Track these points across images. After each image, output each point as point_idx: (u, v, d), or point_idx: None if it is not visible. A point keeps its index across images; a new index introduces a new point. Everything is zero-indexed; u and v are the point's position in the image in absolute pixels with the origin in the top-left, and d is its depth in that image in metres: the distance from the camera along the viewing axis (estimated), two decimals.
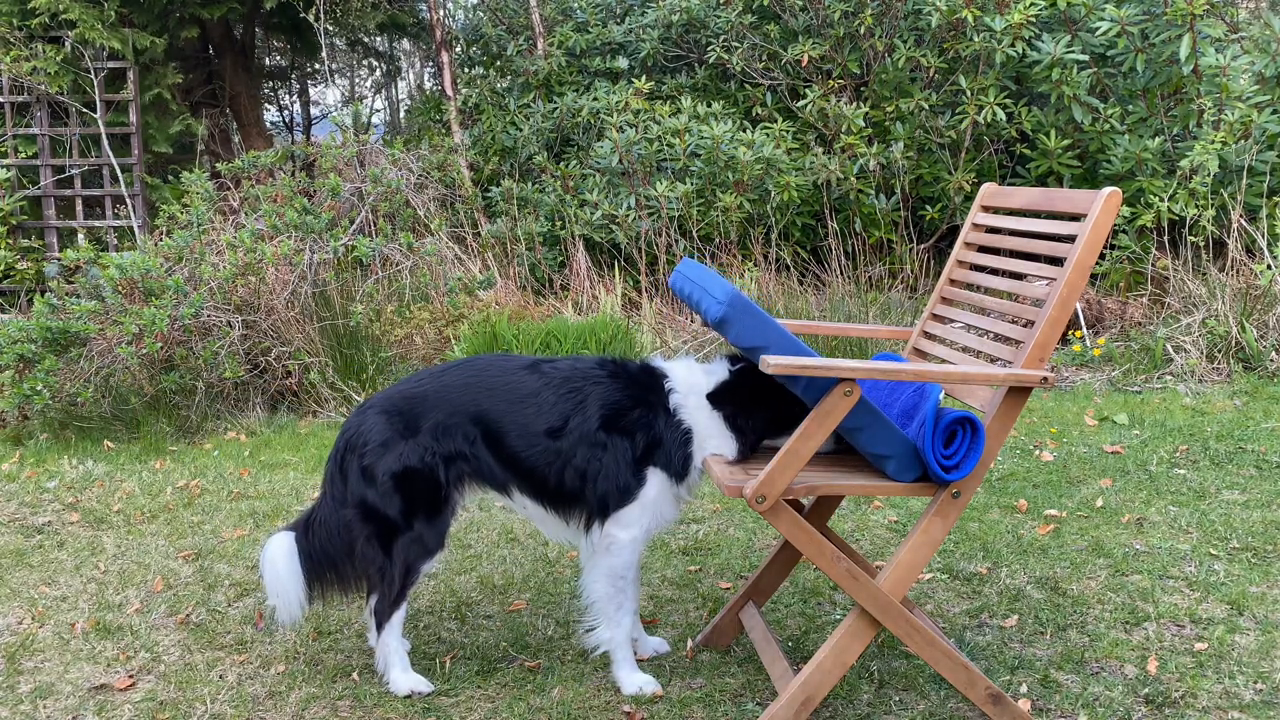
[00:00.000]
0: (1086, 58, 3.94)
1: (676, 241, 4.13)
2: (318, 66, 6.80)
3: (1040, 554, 2.10)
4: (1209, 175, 3.69)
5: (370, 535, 1.60)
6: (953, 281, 1.75)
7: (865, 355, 3.08)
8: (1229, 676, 1.59)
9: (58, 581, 2.11)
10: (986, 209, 1.75)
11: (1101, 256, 3.94)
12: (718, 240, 4.16)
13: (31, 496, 2.68)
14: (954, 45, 4.14)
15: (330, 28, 5.47)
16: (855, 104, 4.27)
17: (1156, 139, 3.86)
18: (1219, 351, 3.46)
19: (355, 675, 1.68)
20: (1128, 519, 2.27)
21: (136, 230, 4.73)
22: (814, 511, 1.74)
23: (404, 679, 1.62)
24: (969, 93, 4.08)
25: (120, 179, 4.79)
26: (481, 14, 5.32)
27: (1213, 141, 3.71)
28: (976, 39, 3.99)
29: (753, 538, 2.27)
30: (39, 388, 3.17)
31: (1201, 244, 3.72)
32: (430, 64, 6.01)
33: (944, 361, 1.64)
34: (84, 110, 4.80)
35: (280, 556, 1.63)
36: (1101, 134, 3.98)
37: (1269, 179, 3.78)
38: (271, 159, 4.35)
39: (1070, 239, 1.43)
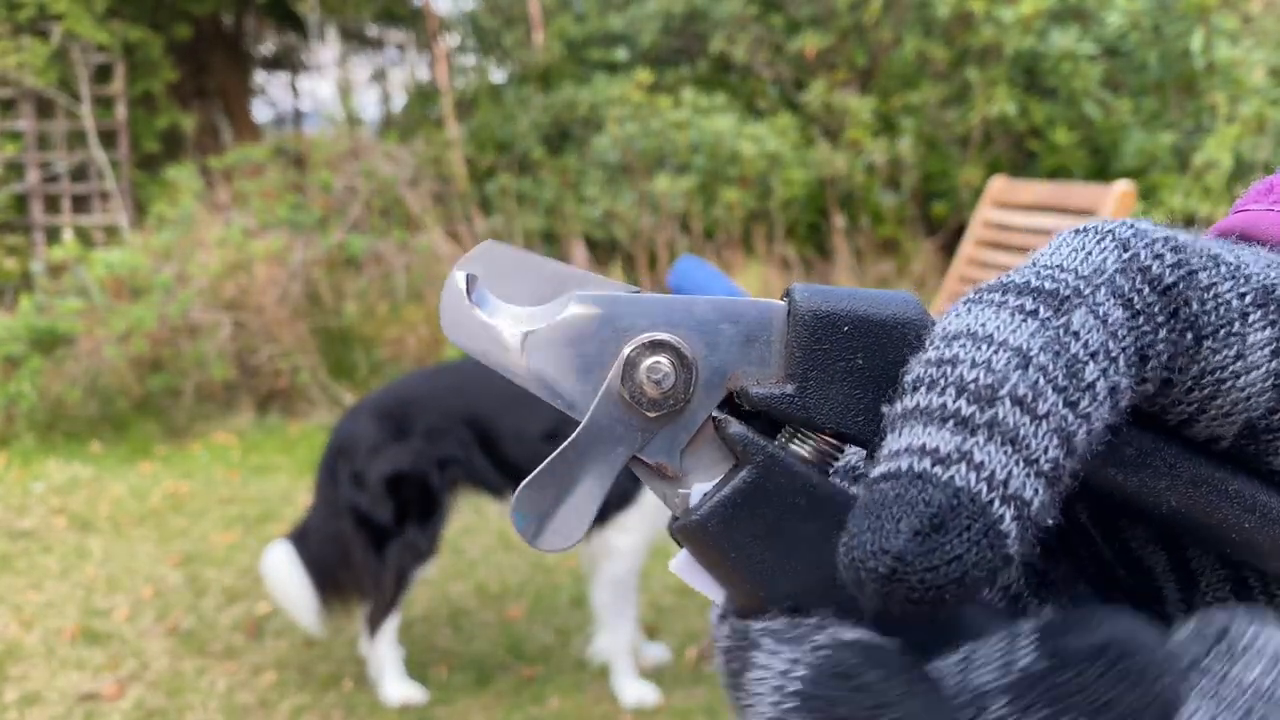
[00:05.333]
0: (1097, 50, 3.88)
1: (678, 238, 4.07)
2: (309, 57, 6.73)
3: None
4: (1223, 171, 3.64)
5: (362, 541, 1.56)
6: (963, 279, 1.70)
7: None
8: None
9: (44, 587, 2.07)
10: (996, 204, 1.70)
11: None
12: (720, 237, 4.10)
13: (17, 500, 2.63)
14: (963, 37, 4.07)
15: (323, 16, 5.39)
16: (862, 97, 4.20)
17: (1169, 133, 3.80)
18: None
19: (347, 684, 1.64)
20: None
21: (124, 227, 4.67)
22: None
23: (398, 688, 1.60)
24: (979, 85, 4.02)
25: (107, 174, 4.72)
26: (477, 3, 5.24)
27: (1227, 136, 3.65)
28: (986, 30, 3.92)
29: None
30: (25, 388, 3.11)
31: None
32: (425, 53, 5.94)
33: None
34: (71, 105, 4.72)
35: (283, 567, 1.60)
36: (1113, 128, 3.93)
37: None
38: (262, 153, 4.28)
39: None
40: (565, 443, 0.16)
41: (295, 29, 5.86)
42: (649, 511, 1.54)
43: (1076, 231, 0.16)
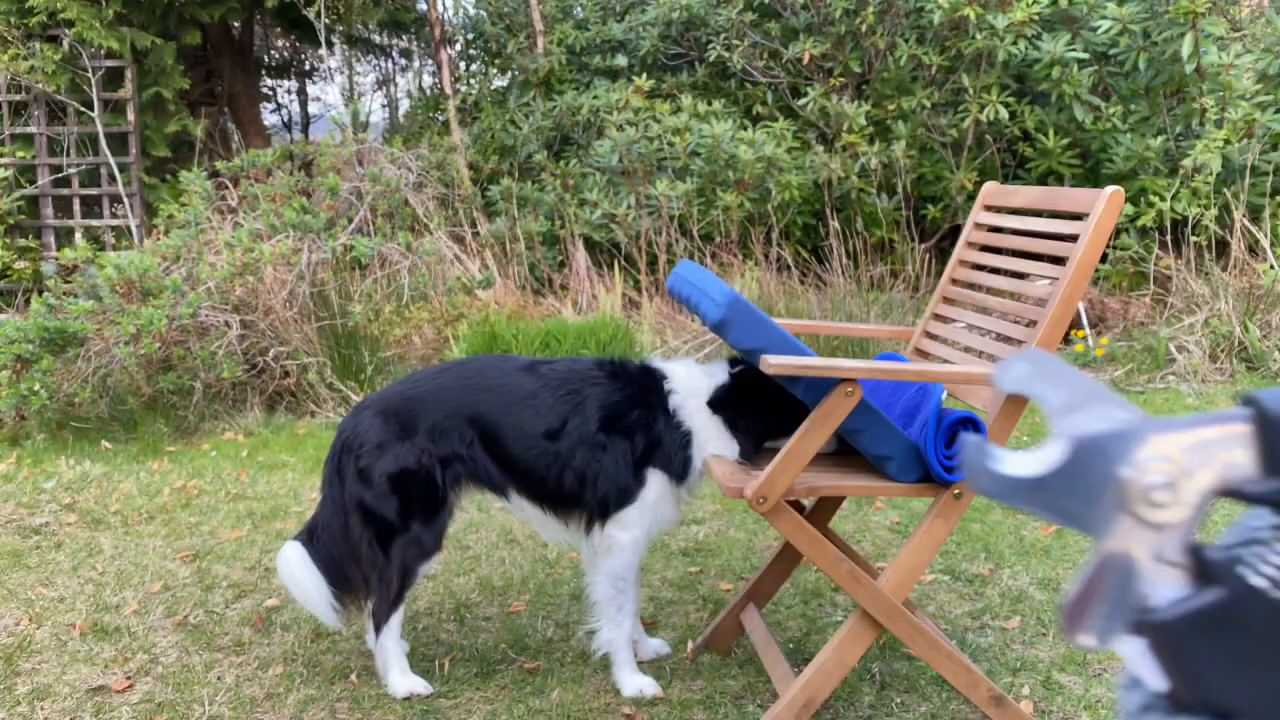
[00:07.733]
0: (1087, 56, 3.92)
1: (677, 241, 4.12)
2: (317, 65, 6.79)
3: (1043, 555, 2.09)
4: (1212, 174, 3.68)
5: (368, 537, 1.59)
6: (955, 281, 1.74)
7: (867, 355, 3.06)
8: None
9: (55, 583, 2.10)
10: (988, 208, 1.74)
11: (1104, 256, 3.92)
12: (718, 240, 4.14)
13: (29, 497, 2.67)
14: (956, 43, 4.12)
15: (329, 22, 5.45)
16: (857, 102, 4.25)
17: (1159, 138, 3.84)
18: (1222, 351, 3.45)
19: (354, 677, 1.67)
20: None
21: (134, 230, 4.73)
22: (815, 512, 1.73)
23: (402, 681, 1.61)
24: (971, 91, 4.06)
25: (118, 178, 4.78)
26: (482, 11, 5.31)
27: (1215, 140, 3.69)
28: (979, 37, 3.97)
29: (753, 539, 2.26)
30: (36, 388, 3.16)
31: (1204, 243, 3.70)
32: (429, 61, 6.00)
33: (946, 361, 1.63)
34: (82, 109, 4.78)
35: (296, 565, 1.62)
36: (1103, 133, 3.96)
37: (1272, 178, 3.76)
38: (270, 158, 4.34)
39: (1073, 238, 1.42)
40: (1096, 559, 0.20)
41: (303, 36, 5.92)
42: (649, 507, 1.57)
43: None
